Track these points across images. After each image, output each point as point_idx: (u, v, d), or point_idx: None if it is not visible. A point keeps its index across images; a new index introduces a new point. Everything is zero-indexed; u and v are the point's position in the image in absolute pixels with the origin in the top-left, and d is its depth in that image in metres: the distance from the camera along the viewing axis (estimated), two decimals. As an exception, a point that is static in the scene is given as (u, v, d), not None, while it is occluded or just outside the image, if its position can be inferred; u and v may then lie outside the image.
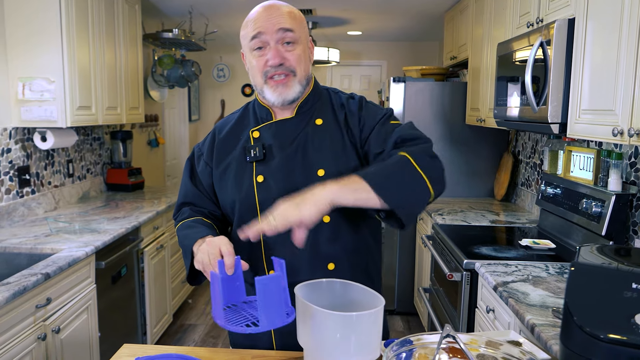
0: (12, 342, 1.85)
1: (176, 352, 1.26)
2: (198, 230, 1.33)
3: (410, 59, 6.36)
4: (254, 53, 1.34)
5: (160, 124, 5.43)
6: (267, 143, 1.39)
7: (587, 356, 0.93)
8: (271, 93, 1.34)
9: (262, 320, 1.06)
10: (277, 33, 1.30)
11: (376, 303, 1.11)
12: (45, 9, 2.73)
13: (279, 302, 1.08)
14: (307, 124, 1.40)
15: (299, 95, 1.37)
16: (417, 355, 1.11)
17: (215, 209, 1.47)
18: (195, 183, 1.48)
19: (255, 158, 1.37)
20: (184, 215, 1.44)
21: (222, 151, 1.44)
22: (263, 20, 1.30)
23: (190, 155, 1.53)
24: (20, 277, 1.94)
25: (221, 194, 1.43)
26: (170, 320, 3.68)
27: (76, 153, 3.55)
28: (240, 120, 1.48)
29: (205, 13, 4.60)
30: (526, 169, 3.43)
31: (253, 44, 1.32)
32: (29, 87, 2.78)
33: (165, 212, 3.50)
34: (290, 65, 1.32)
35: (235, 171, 1.40)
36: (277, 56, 1.30)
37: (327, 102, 1.44)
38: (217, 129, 1.50)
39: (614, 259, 1.09)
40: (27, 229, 2.69)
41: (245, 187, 1.37)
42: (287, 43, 1.31)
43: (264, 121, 1.43)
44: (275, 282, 1.07)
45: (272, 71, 1.32)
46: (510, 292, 1.81)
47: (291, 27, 1.31)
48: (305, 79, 1.37)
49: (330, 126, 1.40)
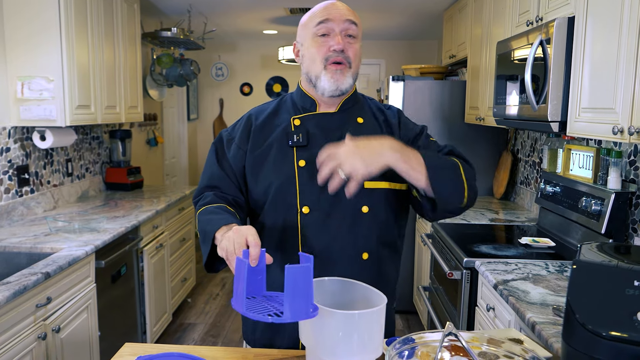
0: (12, 342, 1.84)
1: (177, 351, 1.26)
2: (222, 217, 1.30)
3: (409, 57, 6.36)
4: (317, 39, 1.37)
5: (159, 123, 5.42)
6: (311, 131, 1.42)
7: (589, 354, 0.93)
8: (328, 79, 1.37)
9: (286, 311, 1.03)
10: (344, 23, 1.36)
11: (378, 301, 1.11)
12: (45, 8, 2.72)
13: (306, 295, 1.04)
14: (348, 120, 1.44)
15: (349, 89, 1.41)
16: (420, 353, 1.11)
17: (239, 195, 1.45)
18: (222, 166, 1.46)
19: (298, 143, 1.40)
20: (207, 200, 1.41)
21: (260, 136, 1.45)
22: (331, 9, 1.37)
23: (216, 140, 1.51)
24: (21, 277, 1.94)
25: (255, 178, 1.43)
26: (169, 320, 3.68)
27: (75, 152, 3.54)
28: (278, 108, 1.50)
29: (204, 12, 4.60)
30: (525, 167, 3.44)
31: (318, 29, 1.37)
32: (28, 86, 2.78)
33: (165, 211, 3.50)
34: (349, 57, 1.37)
35: (275, 155, 1.41)
36: (342, 42, 1.35)
37: (365, 104, 1.50)
38: (253, 114, 1.51)
39: (614, 257, 1.09)
40: (26, 228, 2.69)
41: (286, 170, 1.38)
42: (350, 36, 1.37)
43: (306, 111, 1.45)
44: (305, 273, 1.04)
45: (334, 56, 1.35)
46: (511, 290, 1.82)
47: (355, 21, 1.38)
48: (356, 75, 1.42)
49: (371, 125, 1.45)
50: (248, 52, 6.49)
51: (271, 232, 1.40)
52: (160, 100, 5.22)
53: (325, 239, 1.36)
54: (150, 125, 5.11)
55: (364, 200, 1.36)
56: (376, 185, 1.38)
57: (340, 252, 1.36)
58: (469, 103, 3.67)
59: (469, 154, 3.76)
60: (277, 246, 1.40)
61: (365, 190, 1.35)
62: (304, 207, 1.36)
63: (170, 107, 5.89)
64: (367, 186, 1.36)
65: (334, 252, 1.35)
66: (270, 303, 1.11)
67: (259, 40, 6.35)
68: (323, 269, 1.31)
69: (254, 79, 6.60)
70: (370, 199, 1.37)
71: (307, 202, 1.36)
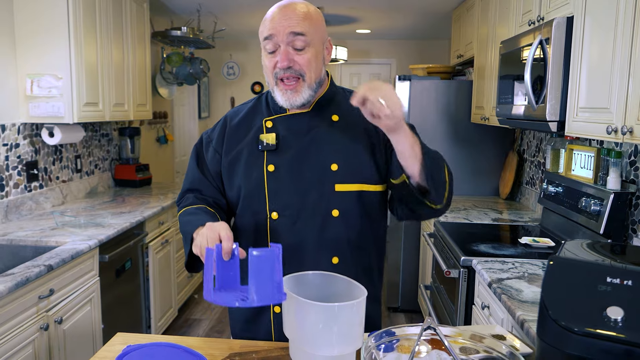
0: (15, 331, 1.90)
1: (167, 341, 1.29)
2: (200, 218, 1.33)
3: (420, 57, 6.35)
4: (266, 54, 1.35)
5: (170, 121, 5.48)
6: (281, 134, 1.40)
7: (561, 349, 0.94)
8: (280, 96, 1.36)
9: (251, 295, 1.06)
10: (288, 37, 1.30)
11: (360, 294, 1.13)
12: (53, 7, 2.78)
13: (271, 278, 1.07)
14: (322, 119, 1.41)
15: (309, 99, 1.37)
16: (400, 346, 1.13)
17: (220, 197, 1.48)
18: (202, 170, 1.49)
19: (267, 147, 1.38)
20: (187, 202, 1.45)
21: (233, 139, 1.45)
22: (276, 21, 1.31)
23: (197, 142, 1.53)
24: (24, 269, 1.99)
25: (229, 181, 1.45)
26: (175, 315, 3.73)
27: (84, 149, 3.61)
28: (253, 109, 1.49)
29: (214, 11, 4.64)
30: (531, 167, 3.42)
31: (265, 44, 1.34)
32: (37, 83, 2.84)
33: (171, 208, 3.55)
34: (300, 69, 1.32)
35: (246, 159, 1.41)
36: (286, 59, 1.31)
37: (343, 100, 1.45)
38: (228, 116, 1.51)
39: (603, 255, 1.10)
40: (34, 222, 2.75)
41: (255, 175, 1.39)
42: (297, 49, 1.31)
43: (277, 113, 1.43)
44: (268, 256, 1.06)
45: (280, 73, 1.32)
46: (504, 288, 1.82)
47: (303, 30, 1.30)
48: (316, 82, 1.37)
49: (347, 122, 1.41)
50: (260, 52, 6.49)
51: (244, 235, 1.42)
52: (170, 99, 5.28)
53: (294, 243, 1.35)
54: (161, 123, 5.17)
55: (334, 204, 1.35)
56: (348, 188, 1.36)
57: (309, 257, 1.35)
58: (475, 103, 3.66)
59: (475, 154, 3.81)
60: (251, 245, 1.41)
61: (336, 194, 1.35)
62: (272, 213, 1.37)
63: (182, 105, 5.95)
64: (338, 189, 1.35)
65: (303, 256, 1.34)
66: (242, 293, 1.13)
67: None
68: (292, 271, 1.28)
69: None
70: (341, 203, 1.35)
71: (276, 207, 1.37)
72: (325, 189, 1.36)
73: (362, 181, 1.37)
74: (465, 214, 3.14)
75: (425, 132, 3.80)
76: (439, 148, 1.40)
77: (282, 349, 1.22)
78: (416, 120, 3.83)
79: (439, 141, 3.80)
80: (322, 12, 1.42)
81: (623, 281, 0.92)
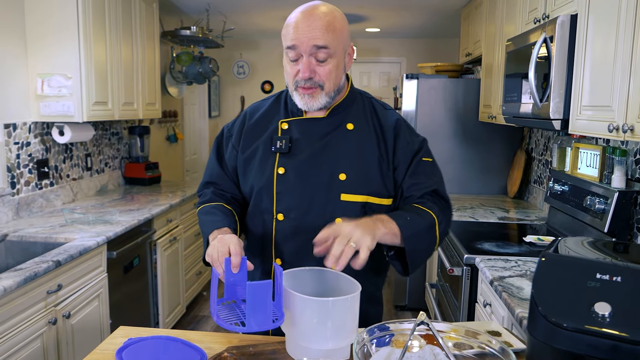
0: (24, 325, 1.94)
1: (167, 335, 1.32)
2: (216, 220, 1.38)
3: (430, 55, 6.33)
4: (288, 60, 1.36)
5: (180, 120, 5.53)
6: (295, 137, 1.42)
7: (550, 344, 0.95)
8: (299, 100, 1.38)
9: (249, 322, 1.13)
10: (311, 49, 1.30)
11: (354, 290, 1.15)
12: (63, 8, 2.83)
13: (267, 307, 1.13)
14: (337, 126, 1.42)
15: (326, 105, 1.39)
16: (395, 341, 1.15)
17: (237, 192, 1.52)
18: (221, 164, 1.53)
19: (280, 150, 1.41)
20: (206, 198, 1.50)
21: (250, 137, 1.48)
22: (300, 31, 1.30)
23: (218, 135, 1.55)
24: (32, 264, 2.03)
25: (243, 177, 1.48)
26: (183, 312, 3.77)
27: (95, 147, 3.66)
28: (272, 108, 1.51)
29: (223, 11, 4.67)
30: (538, 166, 3.41)
31: (287, 52, 1.35)
32: (48, 83, 2.89)
33: (180, 206, 3.59)
34: (320, 80, 1.34)
35: (260, 158, 1.44)
36: (308, 70, 1.32)
37: (360, 107, 1.46)
38: (248, 113, 1.53)
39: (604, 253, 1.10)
40: (44, 219, 2.80)
41: (266, 175, 1.41)
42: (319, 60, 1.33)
43: (294, 115, 1.45)
44: (264, 288, 1.13)
45: (301, 83, 1.35)
46: (505, 286, 1.82)
47: (325, 43, 1.30)
48: (335, 90, 1.38)
49: (361, 133, 1.42)
50: (269, 51, 6.55)
51: (251, 234, 1.46)
52: (179, 98, 5.33)
53: (295, 247, 1.38)
54: (170, 122, 5.22)
55: (338, 212, 1.37)
56: (353, 199, 1.37)
57: (309, 261, 1.35)
58: (482, 101, 3.65)
59: (483, 152, 3.80)
60: (255, 248, 1.46)
61: (341, 203, 1.37)
62: (278, 214, 1.40)
63: (192, 104, 6.00)
64: (343, 198, 1.37)
65: (303, 260, 1.35)
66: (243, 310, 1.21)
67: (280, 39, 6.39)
68: None
69: (275, 77, 6.66)
70: (345, 211, 1.36)
71: (282, 209, 1.39)
72: (331, 196, 1.38)
73: (369, 193, 1.38)
74: (471, 213, 3.14)
75: (434, 131, 3.80)
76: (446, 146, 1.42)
77: (278, 343, 1.24)
78: (424, 119, 3.83)
79: (447, 139, 3.79)
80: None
81: (612, 277, 0.93)
